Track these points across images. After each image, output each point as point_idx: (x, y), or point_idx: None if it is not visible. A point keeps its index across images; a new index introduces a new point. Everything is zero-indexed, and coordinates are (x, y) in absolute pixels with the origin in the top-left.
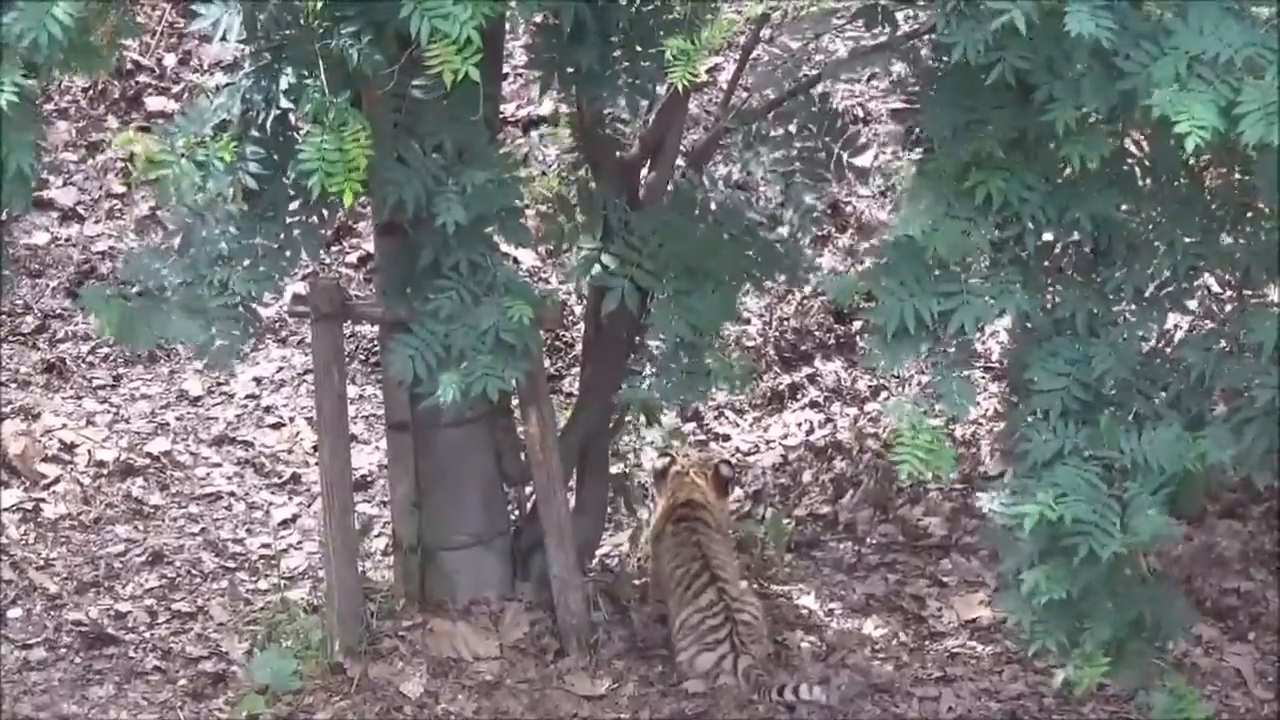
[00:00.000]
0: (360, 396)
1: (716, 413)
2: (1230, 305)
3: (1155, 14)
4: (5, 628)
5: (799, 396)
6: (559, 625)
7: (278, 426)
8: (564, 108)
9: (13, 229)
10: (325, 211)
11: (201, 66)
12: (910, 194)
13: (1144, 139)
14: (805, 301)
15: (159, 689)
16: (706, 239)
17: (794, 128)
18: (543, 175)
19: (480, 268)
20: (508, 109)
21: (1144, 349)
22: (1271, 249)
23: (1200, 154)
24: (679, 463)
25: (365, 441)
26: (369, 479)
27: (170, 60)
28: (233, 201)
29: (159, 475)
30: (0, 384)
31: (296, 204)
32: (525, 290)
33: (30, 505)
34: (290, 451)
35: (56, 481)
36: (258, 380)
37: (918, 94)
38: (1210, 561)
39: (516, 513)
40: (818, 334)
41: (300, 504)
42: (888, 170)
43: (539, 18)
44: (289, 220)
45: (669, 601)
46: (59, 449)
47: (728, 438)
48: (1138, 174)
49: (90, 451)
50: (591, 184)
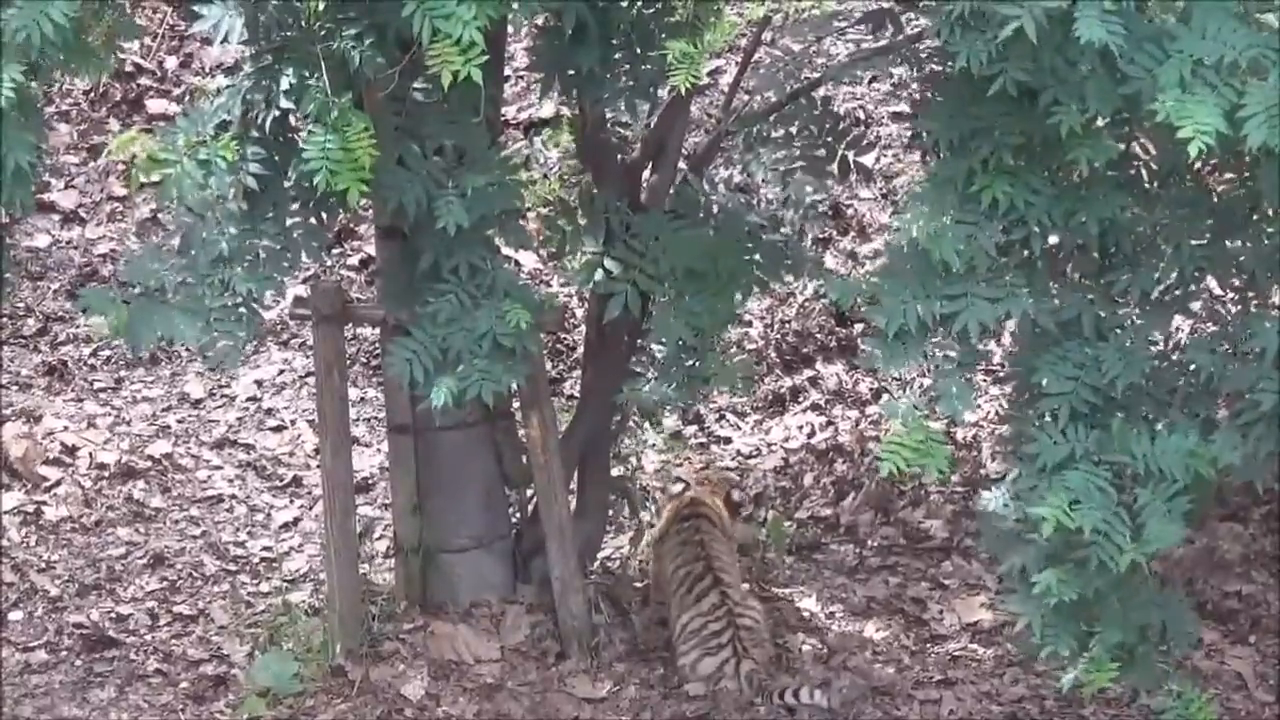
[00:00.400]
0: (361, 399)
1: (718, 415)
2: (1235, 308)
3: (1159, 18)
4: (6, 630)
5: (800, 399)
6: (560, 628)
7: (279, 429)
8: (565, 110)
9: (14, 231)
10: (326, 213)
11: (203, 69)
12: (916, 198)
13: (1149, 142)
14: (806, 304)
15: (160, 692)
16: (708, 242)
17: (795, 130)
18: (544, 178)
19: (480, 271)
20: (509, 112)
21: (1151, 352)
22: (1276, 253)
23: (1204, 158)
24: (693, 489)
25: (367, 444)
26: (370, 482)
27: (171, 63)
28: (233, 201)
29: (160, 478)
30: (1, 386)
31: (297, 205)
32: (524, 294)
33: (31, 508)
34: (292, 454)
35: (58, 484)
36: (259, 383)
37: (920, 98)
38: (1211, 564)
39: (518, 515)
40: (819, 337)
41: (301, 507)
42: (889, 173)
43: (540, 20)
44: (290, 221)
45: (670, 603)
46: (60, 451)
47: (729, 440)
48: (1144, 177)
49: (91, 454)
50: (593, 187)
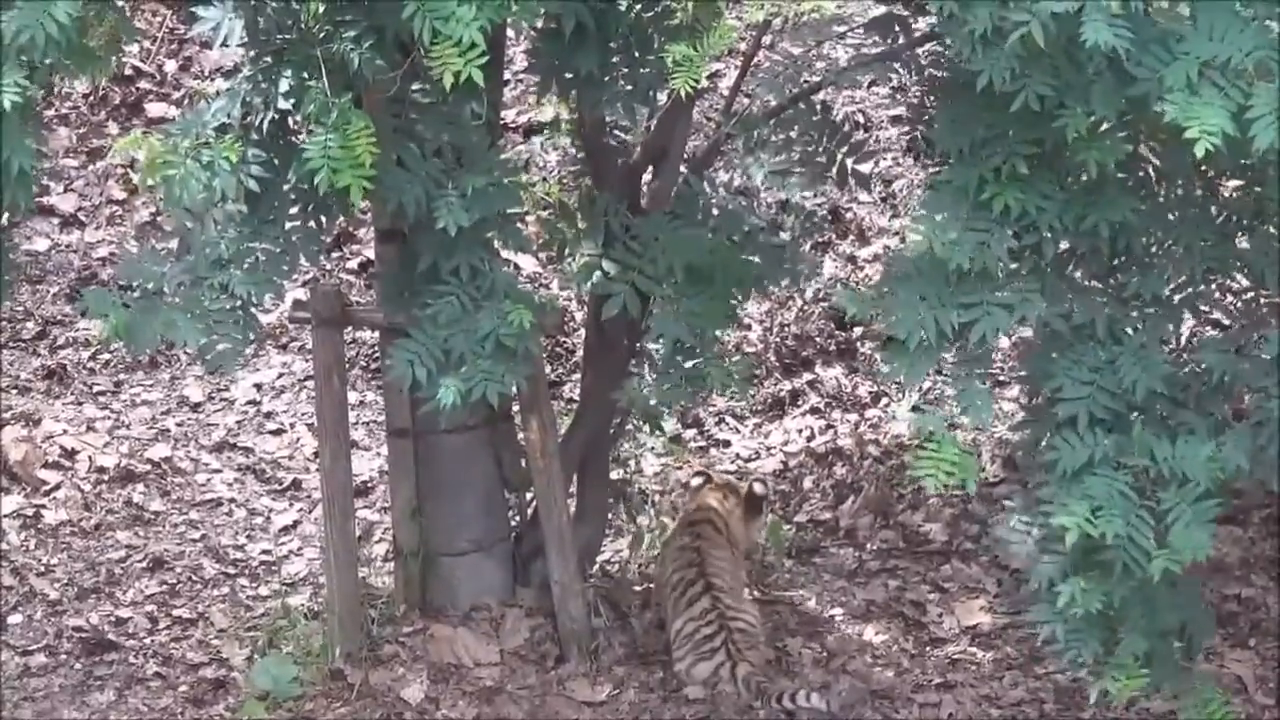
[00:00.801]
0: (361, 403)
1: (717, 419)
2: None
3: (1165, 19)
4: (6, 634)
5: (800, 403)
6: (559, 631)
7: (278, 433)
8: (565, 113)
9: (13, 235)
10: (325, 216)
11: (203, 73)
12: (926, 206)
13: (1157, 144)
14: (806, 308)
15: (159, 695)
16: (708, 245)
17: (795, 134)
18: (544, 181)
19: (479, 273)
20: (509, 114)
21: (1167, 355)
22: None
23: (1211, 159)
24: (706, 492)
25: (366, 448)
26: (370, 485)
27: (171, 66)
28: (234, 203)
29: (159, 481)
30: (1, 390)
31: (296, 208)
32: (525, 295)
33: (31, 511)
34: (291, 458)
35: (57, 488)
36: (258, 386)
37: (920, 103)
38: (1211, 567)
39: (517, 519)
40: (818, 340)
41: (301, 510)
42: (888, 177)
43: (539, 22)
44: (289, 225)
45: (665, 608)
46: (59, 455)
47: (728, 444)
48: (1153, 179)
49: (91, 458)
50: (593, 190)
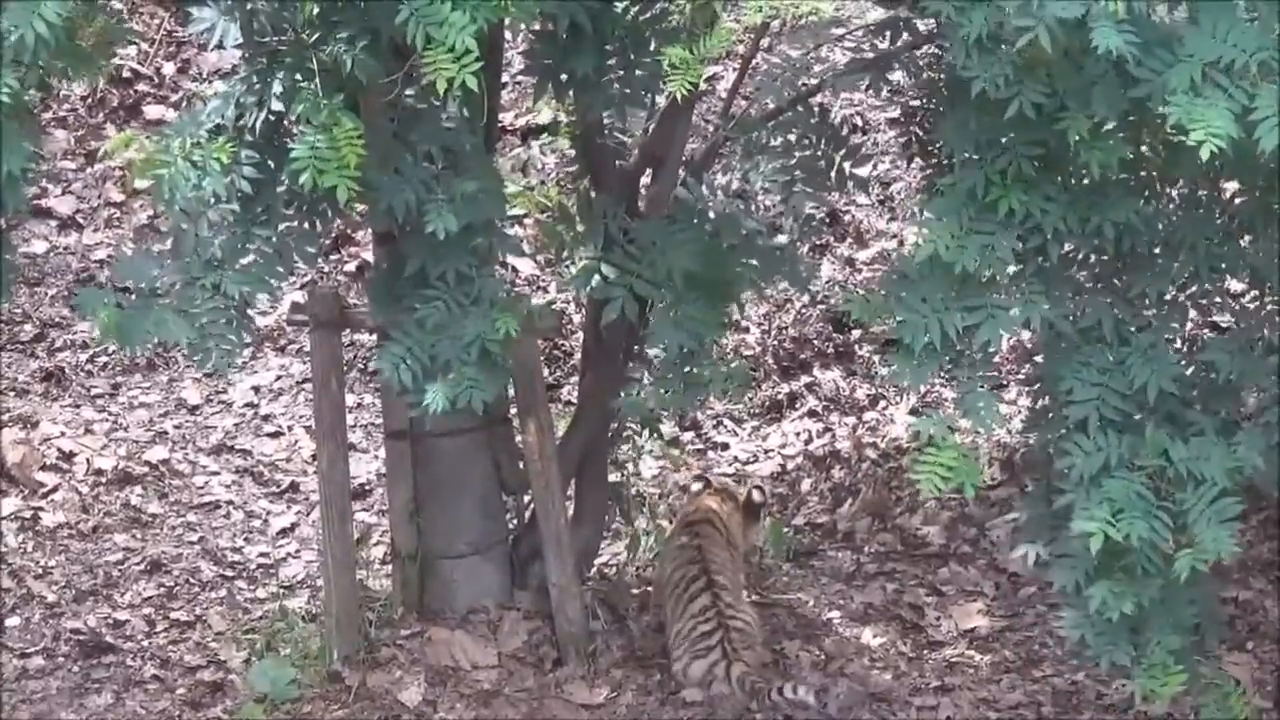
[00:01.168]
0: (358, 405)
1: (715, 422)
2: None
3: (1167, 19)
4: (3, 636)
5: (797, 406)
6: (557, 634)
7: (276, 435)
8: (563, 116)
9: (11, 237)
10: (318, 218)
11: (200, 75)
12: (931, 210)
13: (1160, 145)
14: (804, 311)
15: (157, 698)
16: (706, 248)
17: (793, 137)
18: (542, 184)
19: (467, 279)
20: (506, 118)
21: (1176, 355)
22: None
23: (1215, 161)
24: (706, 496)
25: (364, 450)
26: (367, 487)
27: (169, 69)
28: (227, 203)
29: (157, 484)
30: None
31: (290, 209)
32: (511, 303)
33: (28, 514)
34: (289, 460)
35: (55, 490)
36: (256, 389)
37: (918, 106)
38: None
39: (515, 521)
40: (816, 343)
41: (299, 512)
42: (886, 180)
43: (537, 24)
44: (282, 226)
45: (666, 607)
46: (57, 457)
47: (726, 446)
48: (1155, 179)
49: (89, 460)
50: (591, 193)
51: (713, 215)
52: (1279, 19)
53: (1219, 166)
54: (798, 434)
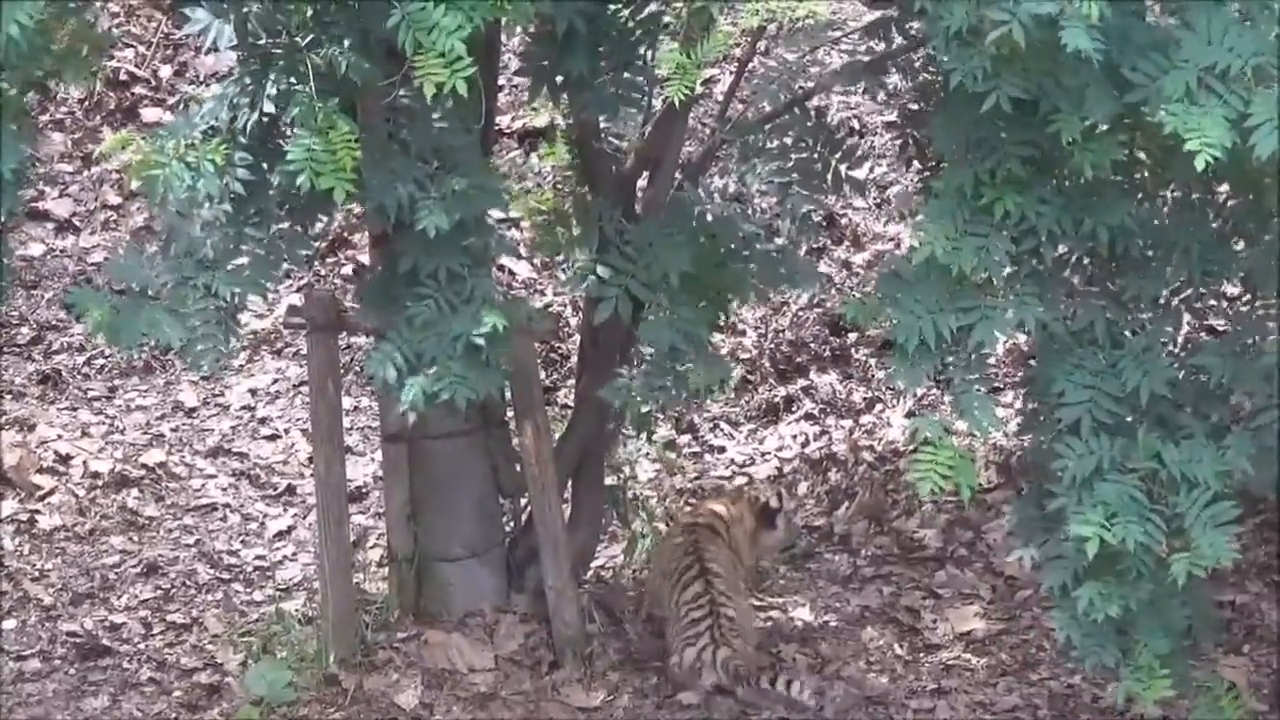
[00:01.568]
0: (355, 408)
1: (712, 425)
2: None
3: (1162, 22)
4: (0, 639)
5: (794, 409)
6: (554, 637)
7: (273, 438)
8: (560, 119)
9: (8, 240)
10: (310, 221)
11: (197, 78)
12: (926, 212)
13: (1154, 148)
14: (800, 314)
15: (154, 700)
16: (701, 250)
17: (790, 140)
18: (538, 187)
19: (458, 277)
20: (503, 120)
21: (1164, 357)
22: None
23: (1210, 170)
24: (710, 504)
25: (360, 453)
26: (364, 490)
27: (166, 72)
28: (220, 204)
29: (154, 487)
30: None
31: (283, 210)
32: (506, 305)
33: (25, 516)
34: (285, 463)
35: (51, 493)
36: (253, 392)
37: (915, 108)
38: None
39: (511, 524)
40: (813, 346)
41: (295, 515)
42: (883, 182)
43: (533, 26)
44: (274, 227)
45: (662, 603)
46: (54, 460)
47: (723, 449)
48: (1149, 182)
49: (85, 463)
50: (588, 196)
51: (709, 218)
52: (1278, 23)
53: (1213, 172)
54: (794, 437)
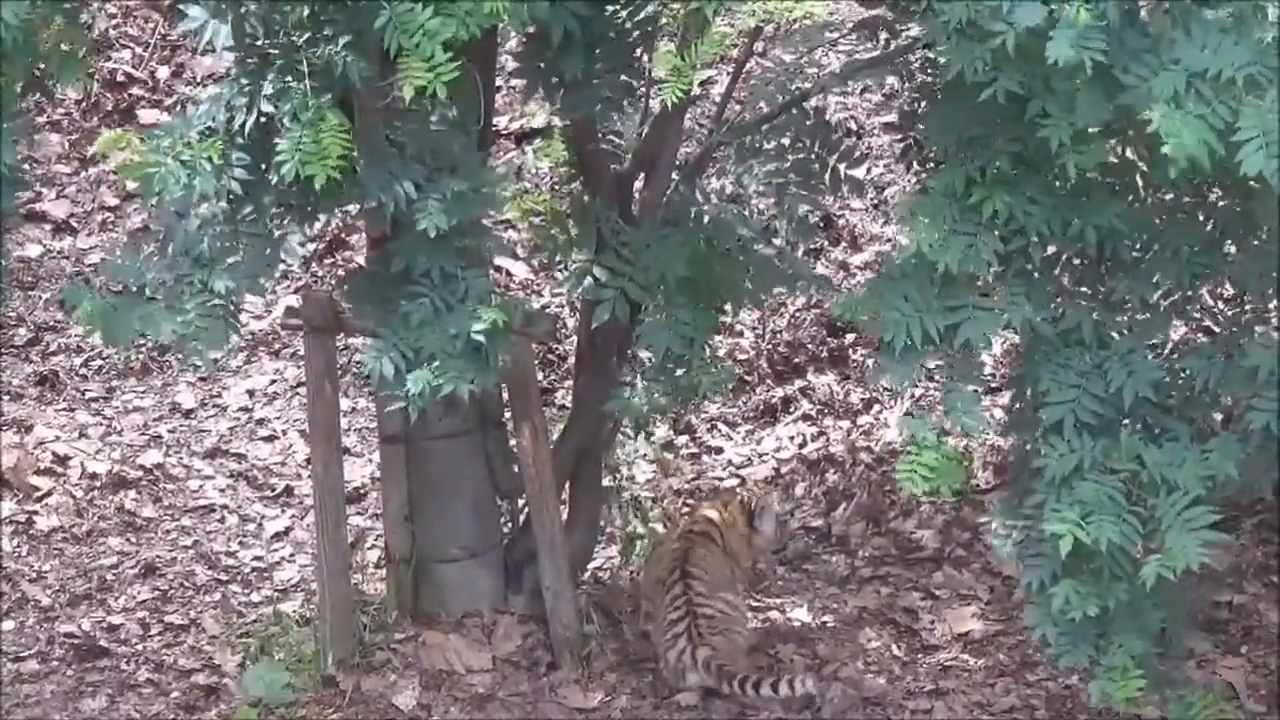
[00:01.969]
0: (353, 409)
1: (709, 426)
2: (1229, 315)
3: (1155, 27)
4: None
5: (792, 409)
6: (551, 638)
7: (271, 439)
8: (557, 120)
9: (5, 241)
10: (306, 219)
11: (194, 79)
12: (914, 210)
13: (1145, 150)
14: (798, 315)
15: (151, 701)
16: (698, 252)
17: (787, 141)
18: (535, 188)
19: (452, 278)
20: (501, 121)
21: (1150, 359)
22: (1271, 263)
23: (1196, 175)
24: (704, 509)
25: (358, 454)
26: (362, 492)
27: (163, 73)
28: (217, 202)
29: (151, 488)
30: None
31: (279, 209)
32: (503, 303)
33: (23, 518)
34: (283, 464)
35: (49, 494)
36: (250, 393)
37: (913, 110)
38: (1202, 574)
39: (509, 525)
40: (810, 347)
41: (293, 517)
42: (880, 183)
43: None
44: (271, 225)
45: (655, 615)
46: (51, 461)
47: (720, 450)
48: (1140, 185)
49: (83, 464)
50: (585, 197)
51: (706, 220)
52: (1277, 29)
53: (1197, 177)
54: (792, 438)
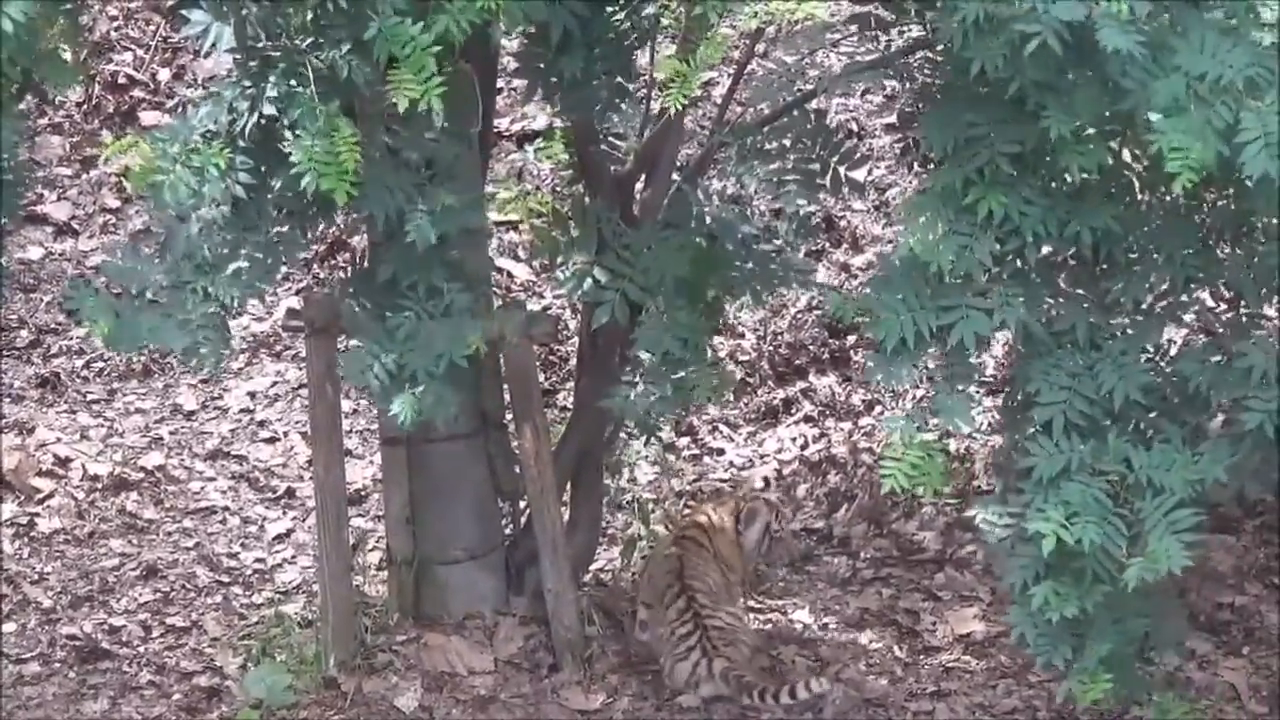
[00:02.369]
0: (354, 411)
1: (711, 427)
2: (1226, 317)
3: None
4: (0, 642)
5: (793, 411)
6: (553, 639)
7: (272, 441)
8: (558, 122)
9: (6, 243)
10: (308, 224)
11: (196, 81)
12: (911, 209)
13: (1141, 152)
14: (799, 316)
15: (153, 704)
16: (699, 253)
17: (789, 142)
18: (536, 190)
19: (437, 291)
20: (502, 123)
21: (1143, 361)
22: (1269, 265)
23: (1194, 184)
24: (700, 513)
25: (359, 456)
26: (363, 493)
27: (165, 75)
28: (220, 206)
29: (153, 489)
30: None
31: (281, 214)
32: (500, 310)
33: (25, 520)
34: (285, 466)
35: (51, 496)
36: (252, 395)
37: (913, 111)
38: (1204, 576)
39: (510, 527)
40: (812, 348)
41: (294, 518)
42: (882, 185)
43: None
44: (272, 230)
45: (657, 628)
46: (53, 463)
47: (722, 452)
48: (1136, 187)
49: (84, 466)
50: (586, 198)
51: (708, 221)
52: (1277, 31)
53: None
54: (793, 439)
